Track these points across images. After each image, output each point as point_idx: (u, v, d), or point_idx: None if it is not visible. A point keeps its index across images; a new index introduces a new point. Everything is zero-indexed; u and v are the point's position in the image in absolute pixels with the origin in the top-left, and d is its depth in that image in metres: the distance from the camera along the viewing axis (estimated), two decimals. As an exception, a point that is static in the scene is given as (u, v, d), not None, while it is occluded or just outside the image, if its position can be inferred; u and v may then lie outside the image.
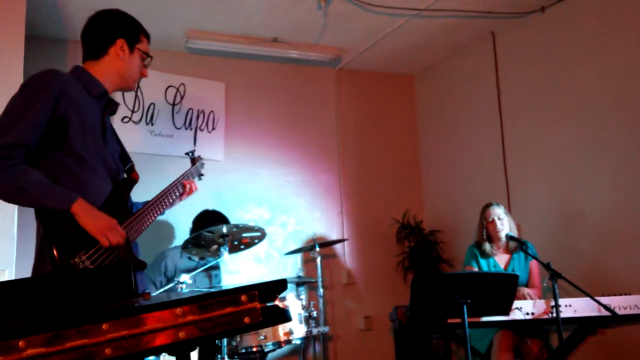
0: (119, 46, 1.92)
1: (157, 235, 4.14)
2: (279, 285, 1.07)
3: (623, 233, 3.50)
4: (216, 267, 3.87)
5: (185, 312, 0.98)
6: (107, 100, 1.93)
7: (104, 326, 0.91)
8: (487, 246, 3.58)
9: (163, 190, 2.08)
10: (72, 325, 0.89)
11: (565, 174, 3.88)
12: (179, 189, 2.16)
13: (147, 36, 2.03)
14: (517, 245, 3.53)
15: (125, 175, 2.01)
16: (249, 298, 1.02)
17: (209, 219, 3.75)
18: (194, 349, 1.01)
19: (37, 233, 1.76)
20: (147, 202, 1.99)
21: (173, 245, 4.11)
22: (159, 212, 2.01)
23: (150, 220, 1.94)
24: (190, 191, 2.23)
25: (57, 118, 1.70)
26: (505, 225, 3.55)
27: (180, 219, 4.13)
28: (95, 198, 1.76)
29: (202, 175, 2.59)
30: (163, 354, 2.86)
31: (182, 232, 4.14)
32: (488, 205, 3.63)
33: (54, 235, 1.63)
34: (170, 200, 2.10)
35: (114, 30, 1.93)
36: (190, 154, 2.59)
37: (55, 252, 1.61)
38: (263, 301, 1.04)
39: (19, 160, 1.65)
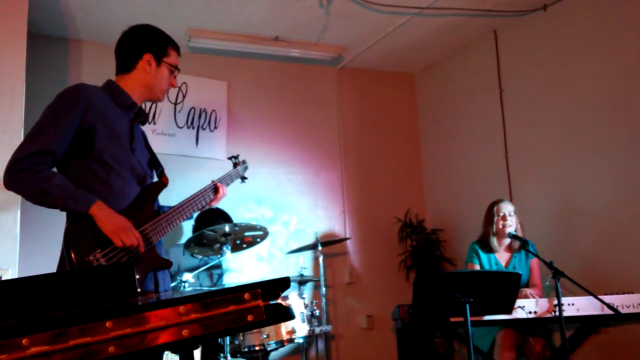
0: (145, 60, 2.03)
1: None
2: (282, 283, 1.07)
3: (626, 231, 3.50)
4: (219, 266, 3.87)
5: (189, 310, 0.97)
6: (137, 111, 2.05)
7: (107, 324, 0.91)
8: (493, 240, 3.56)
9: (193, 195, 2.15)
10: (75, 323, 0.89)
11: (568, 172, 3.87)
12: (210, 193, 2.22)
13: (176, 48, 2.13)
14: (520, 245, 3.52)
15: (155, 180, 2.11)
16: (252, 296, 1.02)
17: (212, 218, 3.75)
18: (197, 347, 1.01)
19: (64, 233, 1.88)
20: (175, 205, 2.07)
21: (176, 243, 4.11)
22: (187, 216, 2.08)
23: (177, 222, 2.04)
24: (222, 195, 2.26)
25: (85, 128, 1.84)
26: (513, 223, 3.54)
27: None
28: (120, 200, 1.89)
29: (246, 178, 2.63)
30: (166, 352, 2.87)
31: (186, 231, 4.14)
32: (500, 201, 3.62)
33: (72, 233, 1.77)
34: (200, 204, 2.16)
35: (141, 45, 2.04)
36: (233, 159, 2.64)
37: (71, 250, 1.74)
38: (266, 299, 1.04)
39: (46, 166, 1.80)
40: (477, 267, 3.58)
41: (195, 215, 2.33)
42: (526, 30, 4.23)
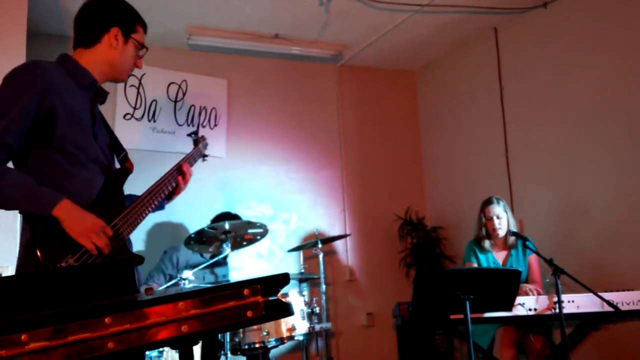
0: (112, 35, 1.82)
1: (165, 232, 4.15)
2: (281, 279, 1.07)
3: (626, 229, 3.50)
4: (223, 264, 3.87)
5: (188, 306, 0.97)
6: (97, 90, 1.84)
7: (106, 320, 0.91)
8: (486, 243, 3.57)
9: (158, 181, 1.95)
10: (74, 319, 0.89)
11: (568, 170, 3.87)
12: (174, 177, 2.01)
13: (144, 26, 1.93)
14: (514, 240, 3.52)
15: (118, 166, 1.92)
16: (251, 292, 1.02)
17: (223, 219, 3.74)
18: (196, 343, 1.01)
19: (21, 235, 1.70)
20: (141, 195, 1.88)
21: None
22: (154, 204, 1.89)
23: (146, 213, 1.83)
24: (188, 176, 2.06)
25: (44, 113, 1.62)
26: (503, 225, 3.52)
27: (186, 215, 4.14)
28: (85, 192, 1.70)
29: (206, 156, 2.45)
30: (166, 348, 2.87)
31: (191, 229, 4.14)
32: (488, 203, 3.58)
33: (39, 240, 1.55)
34: (167, 190, 1.96)
35: (109, 17, 1.83)
36: (194, 136, 2.45)
37: (40, 258, 1.53)
38: (265, 295, 1.04)
39: (0, 162, 1.58)
40: (475, 266, 3.58)
41: (166, 207, 2.11)
42: (526, 28, 4.22)
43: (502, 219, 3.52)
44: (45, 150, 1.65)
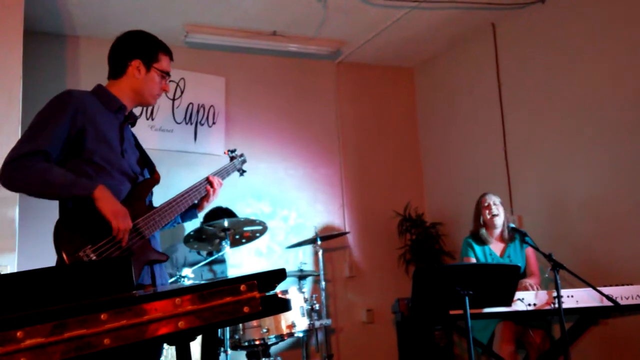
0: (134, 67, 2.05)
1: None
2: (278, 275, 1.07)
3: (624, 223, 3.50)
4: (222, 261, 3.87)
5: (185, 301, 0.97)
6: (127, 114, 2.08)
7: (102, 316, 0.91)
8: (482, 231, 3.59)
9: (187, 189, 2.16)
10: (70, 316, 0.89)
11: (567, 165, 3.87)
12: (203, 189, 2.23)
13: (168, 53, 2.15)
14: (512, 235, 3.54)
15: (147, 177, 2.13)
16: (248, 288, 1.02)
17: (218, 214, 3.75)
18: (193, 339, 1.01)
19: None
20: (169, 200, 2.08)
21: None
22: (180, 210, 2.09)
23: (171, 217, 2.04)
24: (217, 187, 2.29)
25: (75, 132, 1.87)
26: (500, 212, 3.57)
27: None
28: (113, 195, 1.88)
29: (244, 171, 2.66)
30: (165, 346, 2.87)
31: (190, 227, 4.14)
32: (484, 194, 3.69)
33: (61, 229, 1.77)
34: (194, 198, 2.18)
35: (130, 51, 2.06)
36: (230, 152, 2.65)
37: (61, 246, 1.74)
38: (262, 291, 1.04)
39: (42, 162, 1.82)
40: (473, 260, 3.58)
41: (198, 215, 2.36)
42: (525, 23, 4.21)
43: (499, 206, 3.57)
44: (77, 161, 1.89)
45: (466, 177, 4.74)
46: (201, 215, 3.94)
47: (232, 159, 2.61)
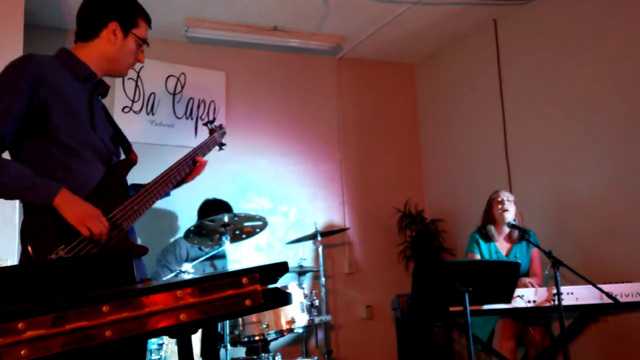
0: (111, 30, 1.80)
1: (161, 224, 4.15)
2: (280, 268, 1.07)
3: (625, 220, 3.49)
4: (222, 257, 3.87)
5: (186, 294, 0.97)
6: (97, 83, 1.82)
7: (104, 308, 0.90)
8: (490, 228, 3.57)
9: (166, 170, 1.91)
10: (71, 308, 0.89)
11: (567, 162, 3.86)
12: (186, 167, 1.98)
13: (148, 20, 1.90)
14: (520, 235, 3.52)
15: (122, 157, 1.90)
16: (250, 280, 1.02)
17: (213, 208, 3.74)
18: (195, 332, 1.01)
19: (20, 225, 1.67)
20: (147, 184, 1.85)
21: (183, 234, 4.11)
22: (161, 194, 1.86)
23: (151, 203, 1.80)
24: (201, 167, 2.06)
25: (36, 104, 1.61)
26: (511, 208, 3.54)
27: (184, 207, 4.12)
28: (83, 184, 1.67)
29: (224, 144, 2.42)
30: (166, 340, 2.87)
31: (188, 221, 4.13)
32: (499, 190, 3.65)
33: (30, 231, 1.55)
34: (175, 179, 1.93)
35: (108, 12, 1.81)
36: (209, 125, 2.40)
37: (30, 249, 1.53)
38: (264, 284, 1.03)
39: None
40: (478, 257, 3.58)
41: (170, 194, 2.06)
42: (526, 19, 4.20)
43: (511, 204, 3.54)
44: (40, 142, 1.64)
45: (467, 173, 4.74)
46: (196, 205, 3.95)
47: (211, 131, 2.35)
